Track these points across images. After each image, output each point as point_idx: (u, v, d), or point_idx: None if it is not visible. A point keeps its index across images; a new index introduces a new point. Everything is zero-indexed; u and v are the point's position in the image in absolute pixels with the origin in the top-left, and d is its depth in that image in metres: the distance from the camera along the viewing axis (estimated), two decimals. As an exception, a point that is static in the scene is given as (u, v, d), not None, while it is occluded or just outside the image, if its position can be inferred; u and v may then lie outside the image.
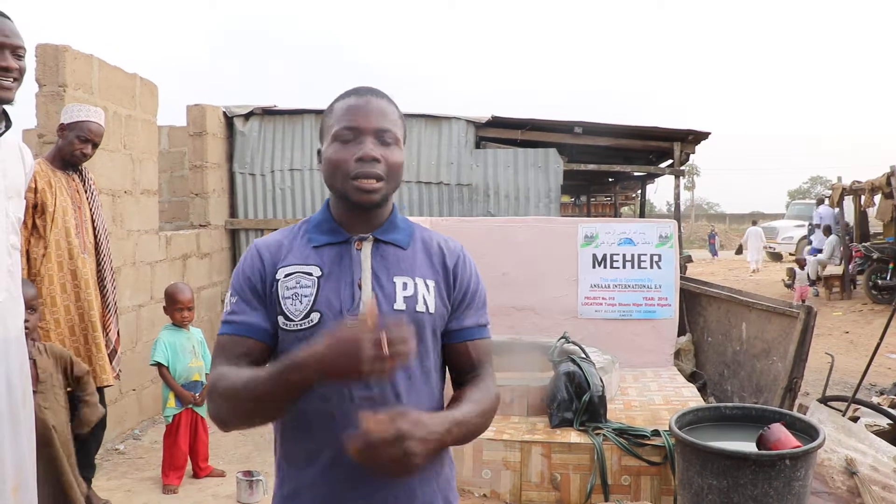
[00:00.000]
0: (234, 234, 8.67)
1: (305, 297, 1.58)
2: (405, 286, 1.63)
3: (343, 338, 1.36)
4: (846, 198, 15.65)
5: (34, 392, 3.16)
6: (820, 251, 17.18)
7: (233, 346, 1.59)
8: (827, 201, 17.53)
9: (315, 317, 1.57)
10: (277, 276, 1.61)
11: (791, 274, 14.15)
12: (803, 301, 12.25)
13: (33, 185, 3.69)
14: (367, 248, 1.65)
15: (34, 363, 3.26)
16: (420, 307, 1.63)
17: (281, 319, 1.59)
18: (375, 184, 1.59)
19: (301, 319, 1.58)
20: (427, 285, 1.65)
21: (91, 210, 4.04)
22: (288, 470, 1.63)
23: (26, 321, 3.22)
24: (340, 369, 1.36)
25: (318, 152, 1.69)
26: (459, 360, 1.71)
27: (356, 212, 1.64)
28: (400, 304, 1.61)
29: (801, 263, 14.36)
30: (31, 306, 3.28)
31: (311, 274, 1.60)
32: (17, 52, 2.59)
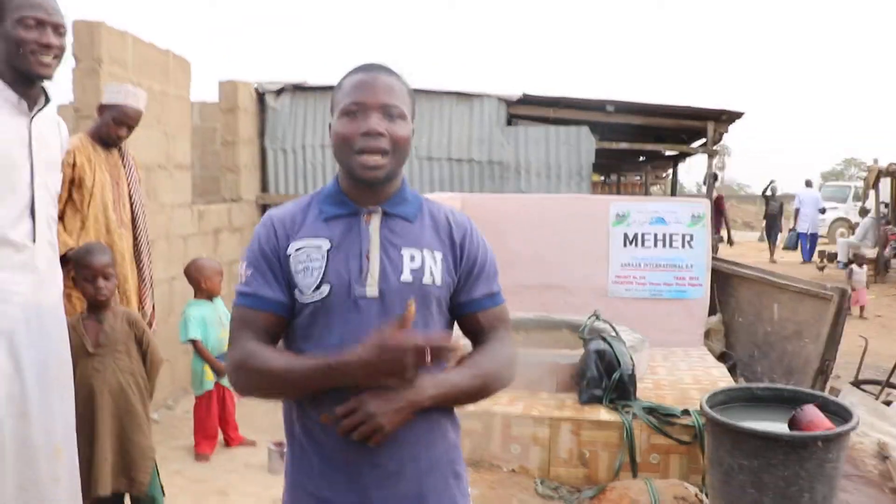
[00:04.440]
0: (265, 209, 8.73)
1: (315, 270, 1.64)
2: (413, 258, 1.67)
3: (389, 346, 1.48)
4: (882, 180, 15.41)
5: (91, 355, 3.26)
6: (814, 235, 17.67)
7: (251, 319, 1.65)
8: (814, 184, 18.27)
9: (325, 289, 1.63)
10: (289, 252, 1.66)
11: (847, 272, 11.95)
12: (861, 309, 10.91)
13: (72, 161, 3.74)
14: (375, 220, 1.69)
15: (101, 327, 3.33)
16: (427, 279, 1.67)
17: (296, 292, 1.65)
18: (380, 160, 1.64)
19: (312, 292, 1.64)
20: (434, 257, 1.70)
21: (129, 185, 4.09)
22: (299, 432, 1.70)
23: (103, 288, 3.29)
24: (383, 374, 1.51)
25: (330, 126, 1.74)
26: (473, 330, 1.79)
27: (363, 186, 1.68)
28: (407, 276, 1.66)
29: (861, 260, 12.06)
30: (105, 274, 3.32)
31: (320, 247, 1.66)
32: (58, 29, 2.64)
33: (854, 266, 11.66)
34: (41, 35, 2.58)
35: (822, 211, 18.39)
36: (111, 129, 3.92)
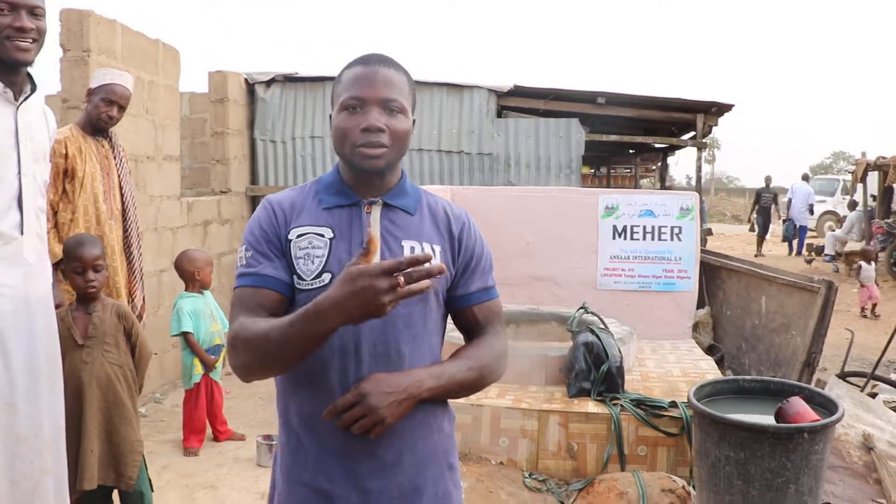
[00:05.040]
0: (254, 201, 8.70)
1: (318, 257, 1.63)
2: (413, 250, 1.67)
3: (355, 273, 1.38)
4: (870, 173, 15.49)
5: (80, 347, 3.23)
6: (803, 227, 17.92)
7: (250, 297, 1.63)
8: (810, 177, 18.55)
9: (326, 277, 1.62)
10: (290, 237, 1.66)
11: (855, 268, 11.13)
12: (874, 307, 10.62)
13: (63, 151, 3.72)
14: (376, 211, 1.69)
15: (90, 318, 3.31)
16: None
17: (294, 279, 1.64)
18: (379, 150, 1.63)
19: (313, 279, 1.63)
20: (434, 250, 1.70)
21: (119, 176, 4.07)
22: (296, 424, 1.69)
23: (93, 281, 3.26)
24: (360, 311, 1.39)
25: (330, 118, 1.72)
26: (467, 323, 1.79)
27: (364, 177, 1.68)
28: None
29: (869, 256, 11.19)
30: (96, 266, 3.28)
31: (322, 235, 1.65)
32: (34, 11, 2.55)
33: (863, 262, 10.99)
34: (15, 19, 2.50)
35: (811, 208, 18.42)
36: (101, 110, 3.89)
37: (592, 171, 19.19)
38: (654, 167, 19.28)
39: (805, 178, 19.19)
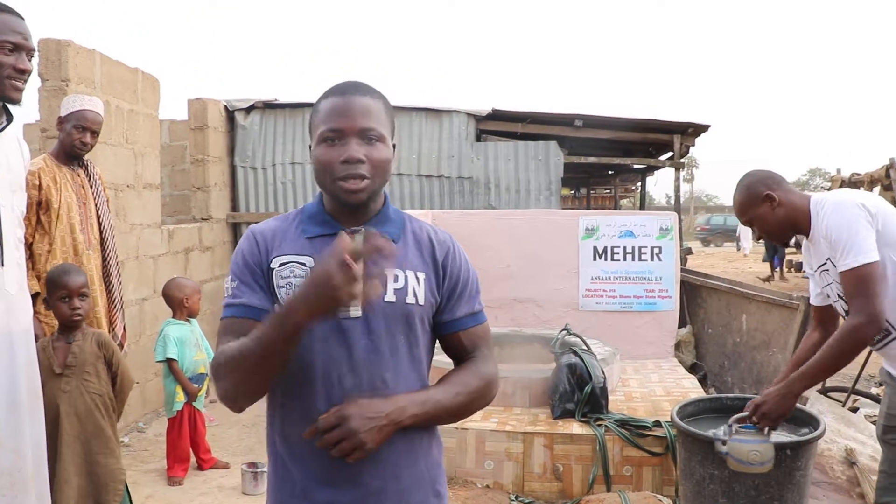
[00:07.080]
0: (235, 228, 8.69)
1: (299, 287, 1.61)
2: (396, 278, 1.66)
3: (314, 270, 1.43)
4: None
5: (59, 375, 3.23)
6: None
7: (235, 327, 1.62)
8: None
9: None
10: (272, 266, 1.66)
11: None
12: None
13: (37, 182, 3.69)
14: (358, 240, 1.68)
15: (70, 347, 3.30)
16: (410, 299, 1.67)
17: (277, 307, 1.63)
18: (360, 183, 1.62)
19: None
20: (417, 277, 1.69)
21: (96, 205, 4.04)
22: (281, 450, 1.68)
23: (79, 308, 3.27)
24: (321, 300, 1.41)
25: (310, 148, 1.72)
26: (455, 348, 1.78)
27: (346, 207, 1.68)
28: (390, 296, 1.65)
29: None
30: (81, 294, 3.30)
31: (304, 264, 1.64)
32: (30, 54, 2.63)
33: None
34: (18, 60, 2.55)
35: None
36: (74, 137, 3.87)
37: (572, 192, 19.30)
38: (633, 187, 19.43)
39: None
